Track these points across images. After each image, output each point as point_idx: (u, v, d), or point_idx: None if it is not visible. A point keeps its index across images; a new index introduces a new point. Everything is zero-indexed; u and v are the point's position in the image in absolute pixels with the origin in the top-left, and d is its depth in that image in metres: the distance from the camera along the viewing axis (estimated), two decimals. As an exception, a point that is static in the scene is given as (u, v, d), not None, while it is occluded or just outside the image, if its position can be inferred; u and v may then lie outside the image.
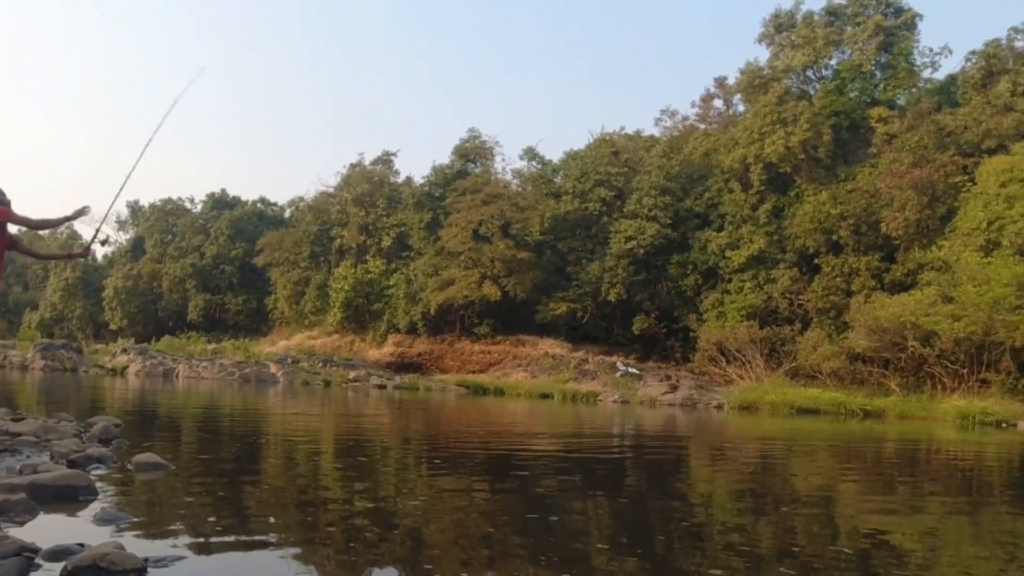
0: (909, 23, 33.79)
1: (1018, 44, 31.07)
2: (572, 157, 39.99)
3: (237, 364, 30.99)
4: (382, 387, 29.67)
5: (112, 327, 52.13)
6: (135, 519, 4.39)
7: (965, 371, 24.66)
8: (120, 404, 15.09)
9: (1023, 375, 23.77)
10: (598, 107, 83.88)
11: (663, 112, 45.63)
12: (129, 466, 6.10)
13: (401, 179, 45.27)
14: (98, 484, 5.21)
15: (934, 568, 4.48)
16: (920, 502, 7.29)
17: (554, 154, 52.10)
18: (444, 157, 44.90)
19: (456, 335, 37.15)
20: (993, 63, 30.64)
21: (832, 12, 35.25)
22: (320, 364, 34.07)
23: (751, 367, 29.04)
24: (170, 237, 54.68)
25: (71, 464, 5.91)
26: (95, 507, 4.61)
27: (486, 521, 5.16)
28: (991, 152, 28.46)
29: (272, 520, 4.79)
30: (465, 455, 9.42)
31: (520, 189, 40.34)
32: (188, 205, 56.84)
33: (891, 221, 28.44)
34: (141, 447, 7.26)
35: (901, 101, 33.67)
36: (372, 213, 42.81)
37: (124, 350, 33.25)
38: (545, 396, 28.20)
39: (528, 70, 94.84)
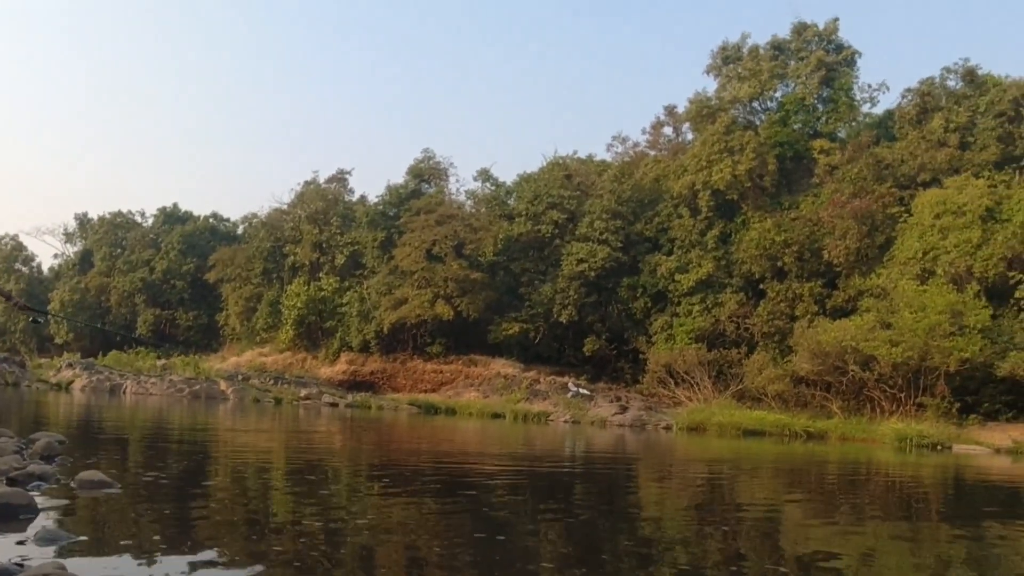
0: (849, 59, 35.15)
1: (950, 83, 32.59)
2: (525, 179, 40.37)
3: (186, 380, 30.41)
4: (334, 405, 29.35)
5: (57, 341, 50.46)
6: (78, 539, 4.34)
7: (902, 395, 25.47)
8: (64, 420, 14.73)
9: (957, 399, 24.61)
10: (551, 131, 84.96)
11: (615, 138, 46.30)
12: (72, 484, 6.01)
13: (355, 197, 45.01)
14: (39, 502, 5.13)
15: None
16: (860, 521, 7.56)
17: (508, 176, 52.64)
18: (399, 176, 44.74)
19: (409, 354, 36.98)
20: (927, 100, 32.03)
21: (777, 46, 36.45)
22: (271, 381, 33.60)
23: (699, 389, 29.53)
24: (119, 251, 53.22)
25: (11, 482, 5.78)
26: (36, 526, 4.53)
27: (435, 540, 5.23)
28: (926, 185, 29.69)
29: (219, 540, 4.78)
30: (416, 474, 9.45)
31: (474, 210, 40.48)
32: (139, 219, 55.51)
33: (833, 249, 29.39)
34: (85, 464, 7.15)
35: (842, 134, 34.89)
36: (326, 231, 42.48)
37: (69, 365, 32.37)
38: (497, 416, 28.23)
39: (483, 92, 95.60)
